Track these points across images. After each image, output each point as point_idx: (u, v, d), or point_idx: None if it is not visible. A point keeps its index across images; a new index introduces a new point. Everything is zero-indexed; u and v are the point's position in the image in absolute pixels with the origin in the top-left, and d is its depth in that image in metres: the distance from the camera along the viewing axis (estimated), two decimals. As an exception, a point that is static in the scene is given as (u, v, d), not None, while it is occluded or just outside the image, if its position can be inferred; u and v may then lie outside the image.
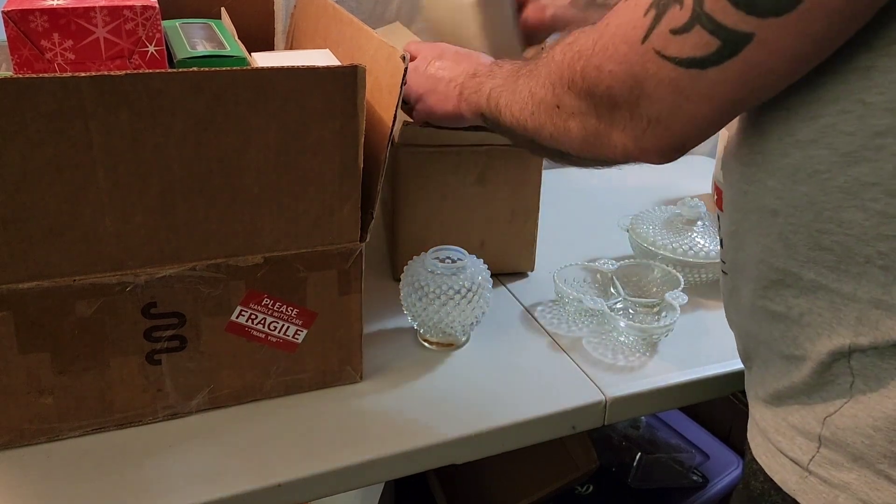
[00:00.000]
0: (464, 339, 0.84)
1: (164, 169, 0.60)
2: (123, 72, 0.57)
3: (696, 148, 0.53)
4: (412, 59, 0.82)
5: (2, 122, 0.55)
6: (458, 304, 0.78)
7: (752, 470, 0.57)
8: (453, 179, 0.91)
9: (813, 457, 0.52)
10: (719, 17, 0.44)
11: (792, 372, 0.54)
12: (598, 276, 0.93)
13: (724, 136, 1.28)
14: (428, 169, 0.90)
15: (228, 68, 0.60)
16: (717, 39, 0.45)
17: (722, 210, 0.59)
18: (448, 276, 0.79)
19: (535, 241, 0.97)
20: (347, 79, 0.62)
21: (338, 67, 0.62)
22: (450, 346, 0.83)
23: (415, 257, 0.83)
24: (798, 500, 0.52)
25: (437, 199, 0.92)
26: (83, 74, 0.56)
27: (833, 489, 0.51)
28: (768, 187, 0.51)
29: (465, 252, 0.82)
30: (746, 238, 0.55)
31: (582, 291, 0.90)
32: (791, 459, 0.53)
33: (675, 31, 0.46)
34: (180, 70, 0.59)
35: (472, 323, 0.81)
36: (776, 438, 0.55)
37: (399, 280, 0.85)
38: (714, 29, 0.45)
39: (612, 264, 0.92)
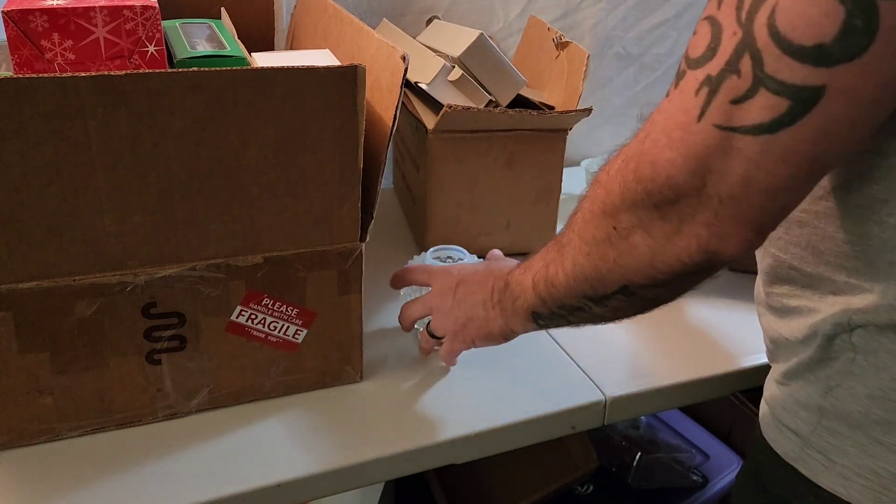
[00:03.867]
0: None
1: (163, 169, 0.60)
2: (123, 72, 0.57)
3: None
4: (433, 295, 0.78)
5: (1, 123, 0.55)
6: None
7: (759, 445, 0.61)
8: (484, 163, 0.95)
9: (815, 428, 0.55)
10: (784, 76, 0.42)
11: (802, 352, 0.57)
12: None
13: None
14: (461, 154, 0.94)
15: (227, 68, 0.60)
16: (785, 100, 0.42)
17: None
18: None
19: (556, 221, 1.01)
20: (347, 79, 0.62)
21: (337, 67, 0.62)
22: None
23: (415, 256, 0.83)
24: (798, 468, 0.56)
25: (469, 183, 0.96)
26: (82, 74, 0.56)
27: (829, 458, 0.54)
28: None
29: (466, 251, 0.82)
30: (775, 246, 0.58)
31: None
32: (793, 431, 0.57)
33: (737, 101, 0.44)
34: (179, 70, 0.59)
35: None
36: (781, 414, 0.58)
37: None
38: (780, 89, 0.42)
39: None
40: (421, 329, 0.80)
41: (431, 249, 0.83)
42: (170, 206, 0.62)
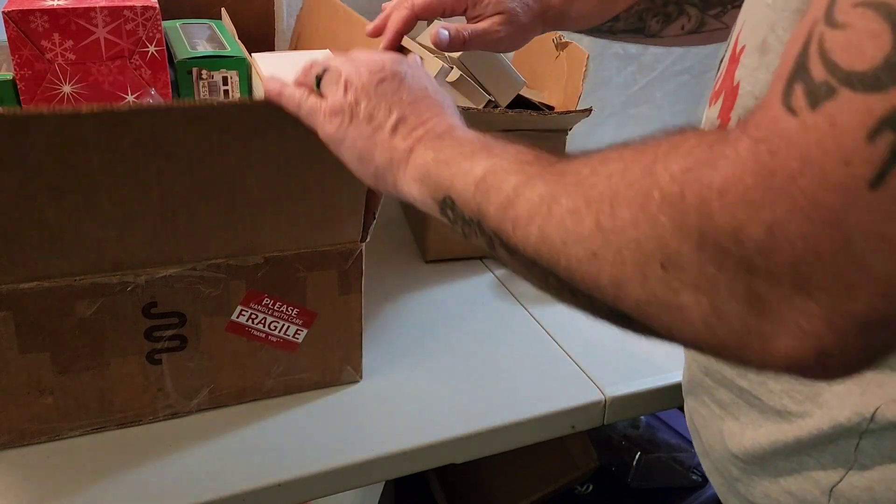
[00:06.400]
0: None
1: (166, 187, 0.61)
2: (126, 105, 0.57)
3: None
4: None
5: (1, 153, 0.55)
6: None
7: None
8: None
9: None
10: None
11: (783, 428, 0.48)
12: None
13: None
14: None
15: (231, 101, 0.60)
16: None
17: None
18: None
19: None
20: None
21: None
22: None
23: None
24: None
25: None
26: (85, 109, 0.55)
27: None
28: None
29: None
30: None
31: None
32: None
33: None
34: (183, 103, 0.59)
35: None
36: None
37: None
38: None
39: None
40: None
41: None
42: (171, 211, 0.62)
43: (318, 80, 0.55)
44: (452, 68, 0.91)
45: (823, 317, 0.30)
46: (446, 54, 0.95)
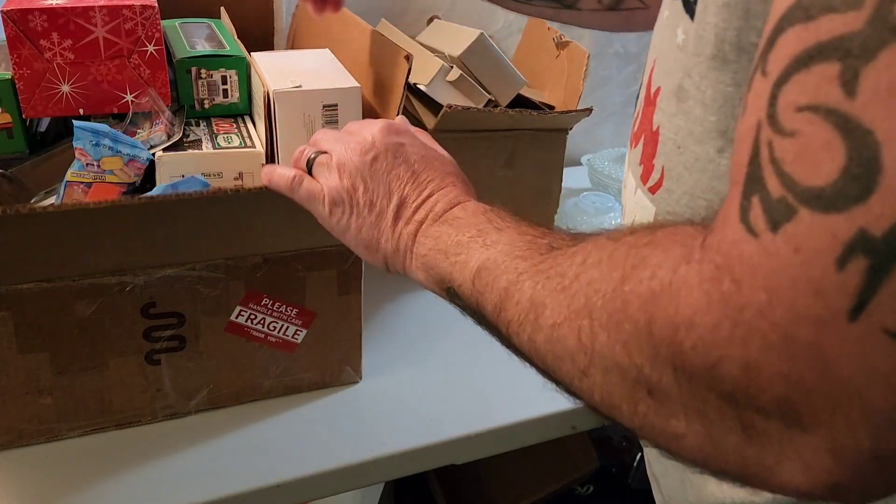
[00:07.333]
0: None
1: (169, 228, 0.63)
2: (135, 199, 0.59)
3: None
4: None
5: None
6: None
7: None
8: (484, 163, 0.93)
9: None
10: None
11: (742, 492, 0.44)
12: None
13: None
14: (461, 154, 0.92)
15: (240, 190, 0.63)
16: None
17: None
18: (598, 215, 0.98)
19: (555, 221, 1.01)
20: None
21: None
22: None
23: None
24: None
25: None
26: (91, 206, 0.58)
27: None
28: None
29: (613, 198, 1.00)
30: None
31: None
32: None
33: None
34: (192, 194, 0.61)
35: None
36: None
37: None
38: None
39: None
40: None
41: (582, 195, 1.00)
42: (171, 216, 0.62)
43: (310, 162, 0.54)
44: (452, 67, 0.91)
45: (828, 451, 0.27)
46: (446, 53, 0.95)
